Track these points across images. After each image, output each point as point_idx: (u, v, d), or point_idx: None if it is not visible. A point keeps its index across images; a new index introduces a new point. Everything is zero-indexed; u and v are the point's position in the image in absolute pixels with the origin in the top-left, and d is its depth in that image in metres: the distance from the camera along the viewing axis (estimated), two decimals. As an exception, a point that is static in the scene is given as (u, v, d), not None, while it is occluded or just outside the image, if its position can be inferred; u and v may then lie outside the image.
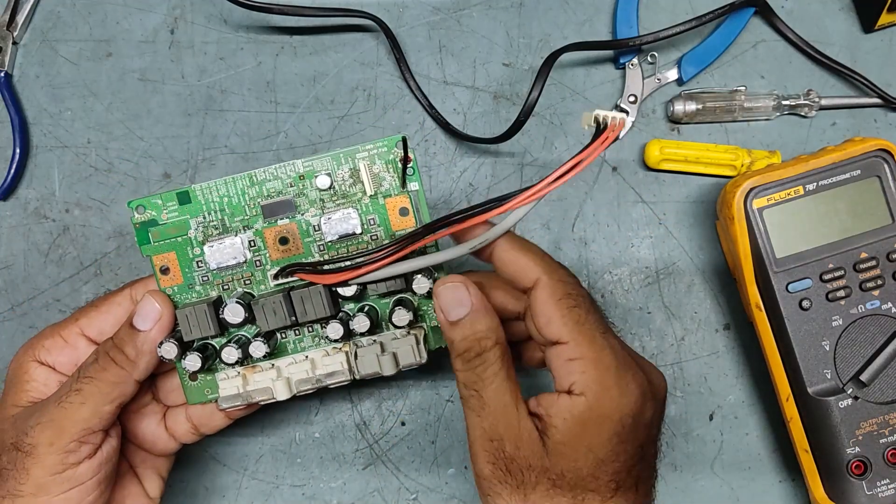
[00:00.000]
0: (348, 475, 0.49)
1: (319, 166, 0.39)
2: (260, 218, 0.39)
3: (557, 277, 0.35)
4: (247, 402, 0.38)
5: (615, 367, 0.34)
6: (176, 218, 0.39)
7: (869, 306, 0.44)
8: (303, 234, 0.39)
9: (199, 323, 0.38)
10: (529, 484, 0.34)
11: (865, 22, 0.51)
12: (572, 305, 0.35)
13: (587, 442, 0.34)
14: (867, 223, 0.44)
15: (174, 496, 0.49)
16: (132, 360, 0.37)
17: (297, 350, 0.39)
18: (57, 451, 0.35)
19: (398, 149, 0.38)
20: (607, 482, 0.34)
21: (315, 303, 0.37)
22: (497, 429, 0.34)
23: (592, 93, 0.51)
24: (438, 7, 0.51)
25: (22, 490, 0.35)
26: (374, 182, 0.39)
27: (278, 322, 0.37)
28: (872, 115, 0.51)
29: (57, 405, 0.36)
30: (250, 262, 0.39)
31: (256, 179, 0.39)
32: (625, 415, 0.34)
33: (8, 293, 0.49)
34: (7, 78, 0.50)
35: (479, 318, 0.36)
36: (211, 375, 0.40)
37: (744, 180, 0.44)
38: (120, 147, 0.50)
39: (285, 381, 0.39)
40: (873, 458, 0.44)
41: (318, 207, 0.39)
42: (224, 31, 0.51)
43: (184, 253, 0.39)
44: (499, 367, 0.35)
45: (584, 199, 0.50)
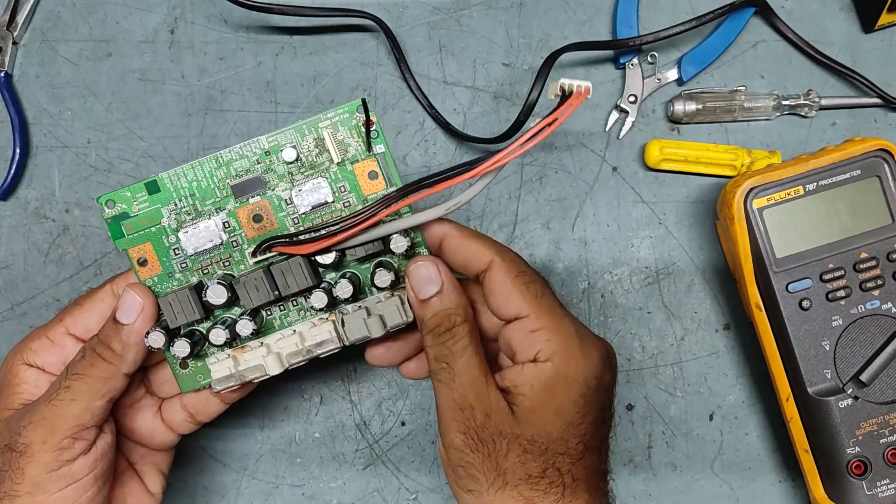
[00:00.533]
0: (348, 475, 0.49)
1: (284, 140, 0.38)
2: (231, 198, 0.39)
3: (510, 258, 0.37)
4: (240, 382, 0.38)
5: (576, 334, 0.36)
6: (147, 208, 0.38)
7: (869, 306, 0.44)
8: (275, 209, 0.39)
9: (183, 308, 0.37)
10: (501, 452, 0.35)
11: (865, 22, 0.51)
12: (528, 281, 0.36)
13: (555, 405, 0.35)
14: (867, 223, 0.44)
15: (174, 496, 0.49)
16: (119, 354, 0.37)
17: (284, 325, 0.39)
18: (51, 448, 0.35)
19: (359, 113, 0.38)
20: (576, 444, 0.35)
21: (296, 274, 0.37)
22: (467, 399, 0.35)
23: (592, 93, 0.51)
24: (438, 7, 0.51)
25: (18, 490, 0.35)
26: (339, 149, 0.38)
27: (262, 298, 0.37)
28: (872, 115, 0.51)
29: (48, 404, 0.36)
30: (227, 244, 0.39)
31: (223, 160, 0.38)
32: (589, 377, 0.36)
33: (8, 293, 0.49)
34: (7, 78, 0.50)
35: (448, 295, 0.37)
36: (201, 361, 0.40)
37: (744, 180, 0.44)
38: (120, 147, 0.50)
39: (276, 356, 0.38)
40: (873, 458, 0.44)
41: (287, 181, 0.39)
42: (224, 31, 0.51)
43: (159, 242, 0.38)
44: (468, 342, 0.36)
45: (584, 199, 0.50)
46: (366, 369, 0.49)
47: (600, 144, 0.51)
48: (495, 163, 0.35)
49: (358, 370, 0.49)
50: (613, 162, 0.50)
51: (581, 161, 0.50)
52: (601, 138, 0.51)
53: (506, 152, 0.35)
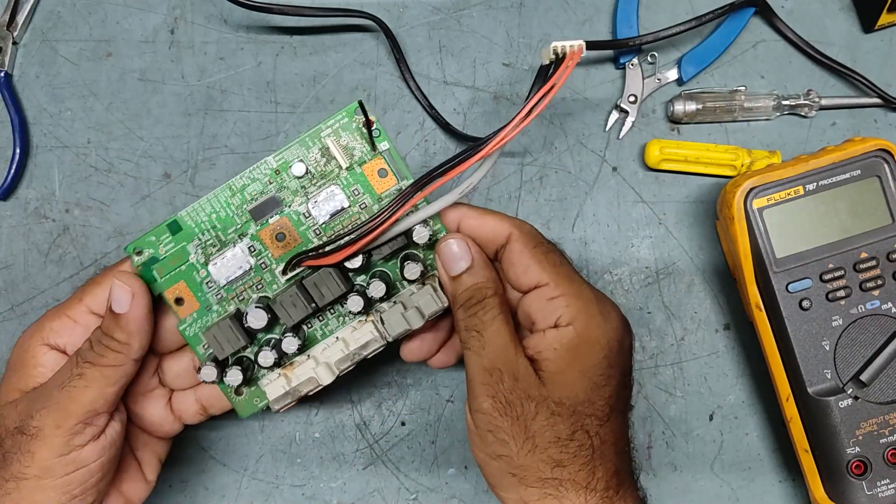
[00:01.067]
0: (348, 475, 0.49)
1: (290, 156, 0.39)
2: (251, 223, 0.39)
3: (527, 230, 0.38)
4: (296, 398, 0.39)
5: (595, 299, 0.37)
6: (173, 248, 0.39)
7: (869, 306, 0.44)
8: (296, 224, 0.39)
9: (228, 338, 0.38)
10: (530, 414, 0.35)
11: (865, 22, 0.51)
12: (547, 251, 0.38)
13: (580, 367, 0.36)
14: (867, 223, 0.44)
15: (174, 496, 0.49)
16: (125, 342, 0.37)
17: (326, 335, 0.40)
18: (63, 433, 0.36)
19: (358, 115, 0.39)
20: (602, 406, 0.36)
21: (329, 284, 0.38)
22: (496, 363, 0.36)
23: (592, 93, 0.51)
24: (438, 7, 0.51)
25: (27, 473, 0.36)
26: (345, 154, 0.39)
27: (300, 313, 0.38)
28: (872, 115, 0.51)
29: (61, 389, 0.36)
30: (256, 267, 0.39)
31: (236, 187, 0.39)
32: (611, 339, 0.36)
33: (8, 293, 0.49)
34: (7, 78, 0.50)
35: (479, 270, 0.38)
36: (254, 385, 0.40)
37: (744, 180, 0.44)
38: (120, 147, 0.50)
39: (325, 365, 0.39)
40: (873, 458, 0.44)
41: (301, 195, 0.39)
42: (224, 31, 0.51)
43: (191, 279, 0.39)
44: (498, 311, 0.37)
45: (584, 199, 0.50)
46: (366, 369, 0.49)
47: (600, 144, 0.51)
48: (501, 140, 0.36)
49: (358, 370, 0.49)
50: (613, 162, 0.50)
51: (581, 161, 0.50)
52: (601, 138, 0.51)
53: (509, 128, 0.35)
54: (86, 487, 0.37)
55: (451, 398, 0.49)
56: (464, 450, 0.49)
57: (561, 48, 0.36)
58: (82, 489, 0.37)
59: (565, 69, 0.36)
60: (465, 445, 0.49)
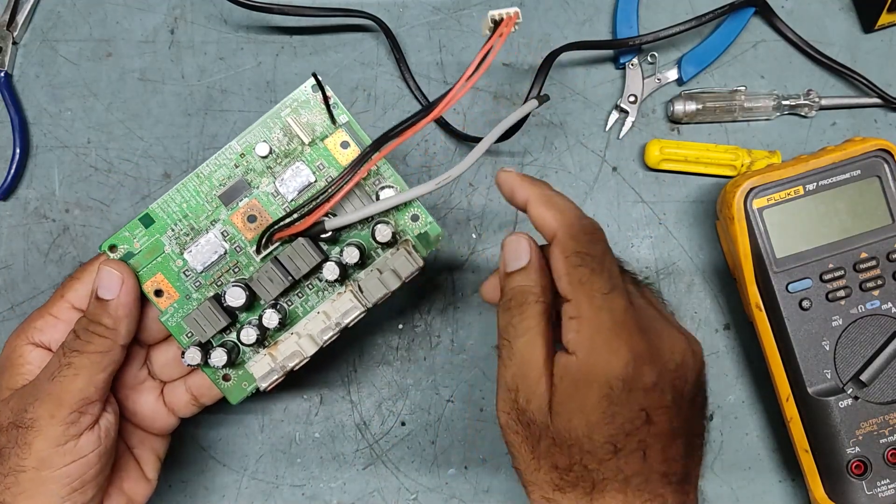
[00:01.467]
0: (348, 475, 0.49)
1: (253, 138, 0.40)
2: (222, 208, 0.40)
3: (571, 234, 0.35)
4: (283, 372, 0.40)
5: (609, 328, 0.34)
6: (147, 241, 0.40)
7: (869, 306, 0.44)
8: (266, 205, 0.40)
9: (209, 319, 0.39)
10: (535, 437, 0.35)
11: (865, 22, 0.51)
12: (577, 264, 0.35)
13: (578, 402, 0.34)
14: (867, 223, 0.44)
15: (174, 496, 0.49)
16: (112, 328, 0.37)
17: (307, 311, 0.40)
18: (58, 422, 0.36)
19: (314, 92, 0.39)
20: (602, 444, 0.33)
21: (303, 255, 0.38)
22: (516, 380, 0.35)
23: (592, 92, 0.51)
24: (438, 7, 0.51)
25: (24, 465, 0.36)
26: (307, 131, 0.40)
27: (278, 287, 0.38)
28: (872, 115, 0.51)
29: (51, 381, 0.36)
30: (231, 251, 0.40)
31: (203, 175, 0.40)
32: (613, 377, 0.33)
33: (8, 293, 0.49)
34: (7, 78, 0.50)
35: (530, 272, 0.37)
36: (241, 369, 0.41)
37: (744, 180, 0.44)
38: (120, 147, 0.50)
39: (308, 337, 0.40)
40: (873, 458, 0.44)
41: (268, 175, 0.40)
42: (224, 31, 0.51)
43: (168, 270, 0.40)
44: (534, 322, 0.36)
45: (584, 199, 0.50)
46: (366, 369, 0.49)
47: (600, 144, 0.50)
48: (448, 102, 0.37)
49: (358, 370, 0.49)
50: (613, 162, 0.50)
51: (581, 161, 0.50)
52: (601, 138, 0.51)
53: (455, 90, 0.37)
54: (85, 480, 0.37)
55: (451, 398, 0.49)
56: (464, 450, 0.49)
57: (498, 15, 0.38)
58: (81, 482, 0.37)
59: (500, 35, 0.37)
60: (465, 445, 0.49)
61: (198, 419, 0.49)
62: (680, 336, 0.36)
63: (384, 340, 0.50)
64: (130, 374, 0.41)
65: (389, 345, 0.50)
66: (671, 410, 0.34)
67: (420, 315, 0.50)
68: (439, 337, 0.49)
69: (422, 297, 0.50)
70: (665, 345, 0.35)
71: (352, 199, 0.39)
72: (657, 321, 0.36)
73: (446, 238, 0.50)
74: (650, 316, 0.36)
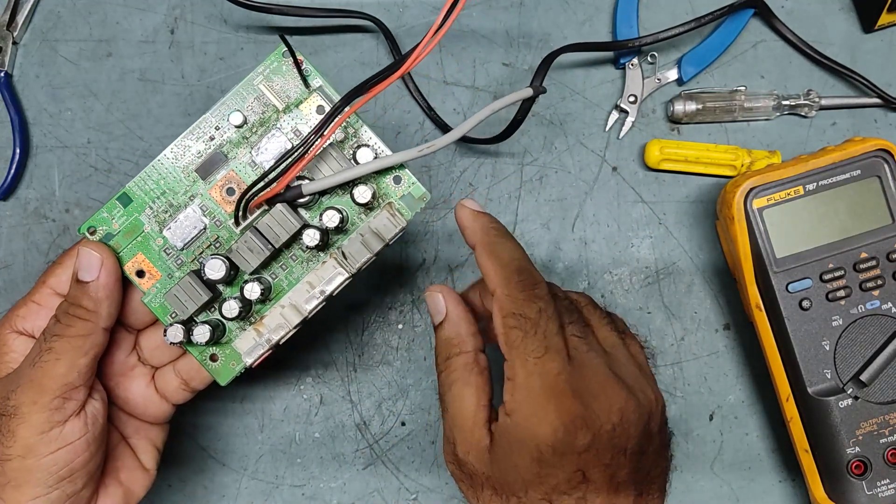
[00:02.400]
0: (348, 475, 0.49)
1: (226, 109, 0.39)
2: (200, 182, 0.39)
3: (508, 292, 0.35)
4: (269, 346, 0.39)
5: (540, 393, 0.34)
6: (126, 221, 0.39)
7: (869, 306, 0.44)
8: (244, 176, 0.39)
9: (190, 295, 0.38)
10: (479, 486, 0.36)
11: (865, 22, 0.51)
12: (512, 325, 0.34)
13: (512, 462, 0.34)
14: (867, 223, 0.44)
15: (174, 496, 0.49)
16: (93, 310, 0.37)
17: (293, 284, 0.39)
18: (41, 409, 0.35)
19: (285, 57, 0.39)
20: (540, 499, 0.34)
21: (281, 221, 0.37)
22: (452, 431, 0.36)
23: (592, 92, 0.51)
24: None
25: (10, 453, 0.35)
26: (280, 97, 0.39)
27: (259, 257, 0.37)
28: (872, 115, 0.51)
29: (32, 367, 0.36)
30: (211, 226, 0.39)
31: (179, 149, 0.39)
32: (542, 443, 0.33)
33: (8, 293, 0.49)
34: (7, 78, 0.50)
35: (450, 325, 0.38)
36: (228, 349, 0.40)
37: (744, 180, 0.44)
38: (120, 147, 0.50)
39: (292, 307, 0.39)
40: (873, 458, 0.44)
41: (245, 146, 0.39)
42: (224, 31, 0.51)
43: (149, 249, 0.39)
44: (459, 374, 0.37)
45: (584, 199, 0.50)
46: (366, 369, 0.49)
47: (600, 144, 0.51)
48: (417, 57, 0.36)
49: (358, 370, 0.49)
50: (613, 162, 0.50)
51: (581, 161, 0.50)
52: (601, 138, 0.51)
53: (423, 44, 0.36)
54: (73, 468, 0.36)
55: (451, 398, 0.49)
56: (464, 450, 0.49)
57: None
58: (69, 469, 0.36)
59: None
60: (465, 445, 0.49)
61: (197, 418, 0.49)
62: (620, 394, 0.35)
63: (384, 340, 0.50)
64: (119, 361, 0.40)
65: (389, 345, 0.50)
66: (611, 467, 0.34)
67: (420, 315, 0.50)
68: (439, 337, 0.49)
69: (422, 297, 0.50)
70: (602, 406, 0.34)
71: (328, 160, 0.38)
72: (599, 380, 0.35)
73: (446, 238, 0.50)
74: (592, 375, 0.35)
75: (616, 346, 0.38)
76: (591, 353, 0.36)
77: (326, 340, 0.50)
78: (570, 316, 0.37)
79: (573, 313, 0.37)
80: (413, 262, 0.50)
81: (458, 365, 0.37)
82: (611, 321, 0.39)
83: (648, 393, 0.36)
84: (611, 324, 0.39)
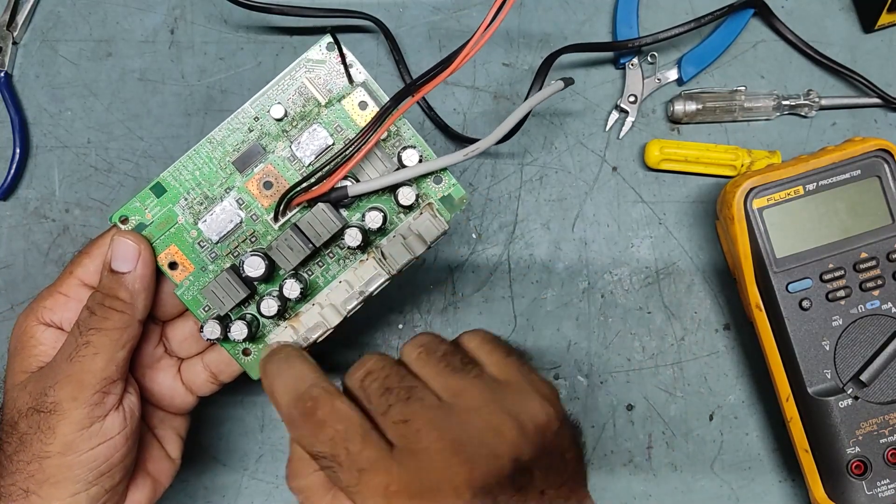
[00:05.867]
0: (348, 475, 0.49)
1: (267, 101, 0.38)
2: (237, 175, 0.38)
3: (294, 433, 0.33)
4: (306, 345, 0.38)
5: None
6: (160, 212, 0.38)
7: (869, 306, 0.44)
8: (282, 170, 0.38)
9: (228, 291, 0.37)
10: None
11: (865, 22, 0.51)
12: (323, 467, 0.32)
13: None
14: (867, 223, 0.44)
15: (174, 496, 0.49)
16: (130, 302, 0.36)
17: (328, 281, 0.39)
18: (82, 404, 0.34)
19: (328, 51, 0.38)
20: None
21: (323, 221, 0.36)
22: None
23: (592, 93, 0.51)
24: (438, 7, 0.51)
25: (49, 451, 0.34)
26: (323, 91, 0.38)
27: (298, 256, 0.37)
28: (872, 115, 0.51)
29: (69, 362, 0.35)
30: (247, 220, 0.38)
31: (216, 140, 0.38)
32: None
33: (8, 293, 0.49)
34: (7, 78, 0.50)
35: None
36: (261, 343, 0.39)
37: (744, 180, 0.45)
38: (120, 147, 0.50)
39: (331, 307, 0.38)
40: (873, 458, 0.44)
41: (284, 139, 0.38)
42: (224, 31, 0.51)
43: (182, 241, 0.38)
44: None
45: (584, 199, 0.50)
46: (366, 369, 0.49)
47: (600, 144, 0.51)
48: (466, 55, 0.35)
49: (358, 370, 0.49)
50: (613, 162, 0.50)
51: (581, 161, 0.50)
52: (601, 138, 0.51)
53: (472, 42, 0.35)
54: (112, 463, 0.35)
55: (451, 398, 0.49)
56: (464, 450, 0.49)
57: None
58: (109, 465, 0.35)
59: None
60: (465, 445, 0.49)
61: (197, 418, 0.49)
62: (487, 435, 0.30)
63: (384, 340, 0.50)
64: (147, 353, 0.39)
65: (389, 345, 0.50)
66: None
67: (420, 315, 0.50)
68: (439, 337, 0.49)
69: (422, 297, 0.50)
70: (481, 452, 0.30)
71: (372, 160, 0.37)
72: (452, 437, 0.30)
73: (446, 238, 0.50)
74: (438, 439, 0.30)
75: (463, 389, 0.32)
76: (436, 416, 0.31)
77: (326, 340, 0.49)
78: (390, 395, 0.32)
79: (400, 378, 0.32)
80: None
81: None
82: (449, 355, 0.34)
83: (527, 411, 0.32)
84: (447, 364, 0.33)
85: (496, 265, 0.50)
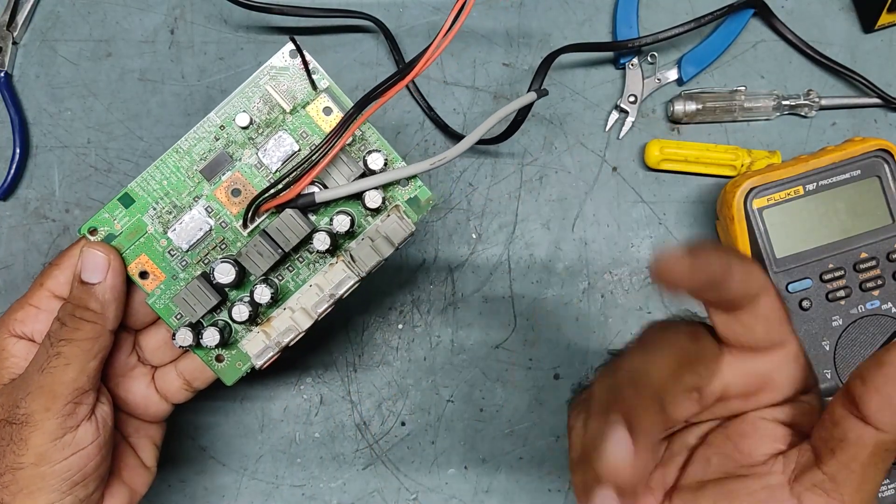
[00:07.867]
0: (348, 475, 0.49)
1: (232, 109, 0.38)
2: (204, 183, 0.39)
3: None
4: (278, 349, 0.38)
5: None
6: (129, 222, 0.38)
7: (869, 306, 0.44)
8: (249, 177, 0.39)
9: (199, 298, 0.37)
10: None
11: (865, 22, 0.51)
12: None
13: None
14: (867, 223, 0.44)
15: (174, 496, 0.49)
16: (100, 312, 0.36)
17: (299, 285, 0.39)
18: (54, 415, 0.35)
19: (292, 58, 0.39)
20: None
21: (292, 226, 0.37)
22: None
23: (592, 93, 0.51)
24: (438, 7, 0.51)
25: (22, 462, 0.35)
26: (287, 99, 0.39)
27: (268, 261, 0.37)
28: (872, 115, 0.51)
29: (41, 373, 0.35)
30: (216, 228, 0.39)
31: (183, 150, 0.38)
32: None
33: (8, 293, 0.49)
34: (7, 78, 0.50)
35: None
36: (234, 349, 0.40)
37: (744, 180, 0.45)
38: (120, 147, 0.50)
39: (302, 311, 0.39)
40: (873, 458, 0.44)
41: (250, 147, 0.39)
42: (224, 31, 0.51)
43: (152, 250, 0.39)
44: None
45: (584, 199, 0.50)
46: (366, 369, 0.49)
47: (600, 144, 0.51)
48: (426, 61, 0.36)
49: (358, 370, 0.49)
50: (613, 162, 0.50)
51: (581, 161, 0.50)
52: (601, 138, 0.51)
53: (432, 49, 0.36)
54: (86, 473, 0.36)
55: (451, 398, 0.49)
56: (464, 450, 0.49)
57: None
58: (82, 475, 0.36)
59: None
60: (465, 445, 0.49)
61: (197, 418, 0.49)
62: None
63: (384, 340, 0.50)
64: (120, 362, 0.40)
65: (389, 345, 0.50)
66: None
67: (420, 315, 0.50)
68: (439, 337, 0.49)
69: (422, 297, 0.50)
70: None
71: (338, 165, 0.38)
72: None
73: (446, 238, 0.50)
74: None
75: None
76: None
77: (326, 340, 0.50)
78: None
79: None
80: (413, 262, 0.50)
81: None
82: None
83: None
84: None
85: (496, 265, 0.50)
